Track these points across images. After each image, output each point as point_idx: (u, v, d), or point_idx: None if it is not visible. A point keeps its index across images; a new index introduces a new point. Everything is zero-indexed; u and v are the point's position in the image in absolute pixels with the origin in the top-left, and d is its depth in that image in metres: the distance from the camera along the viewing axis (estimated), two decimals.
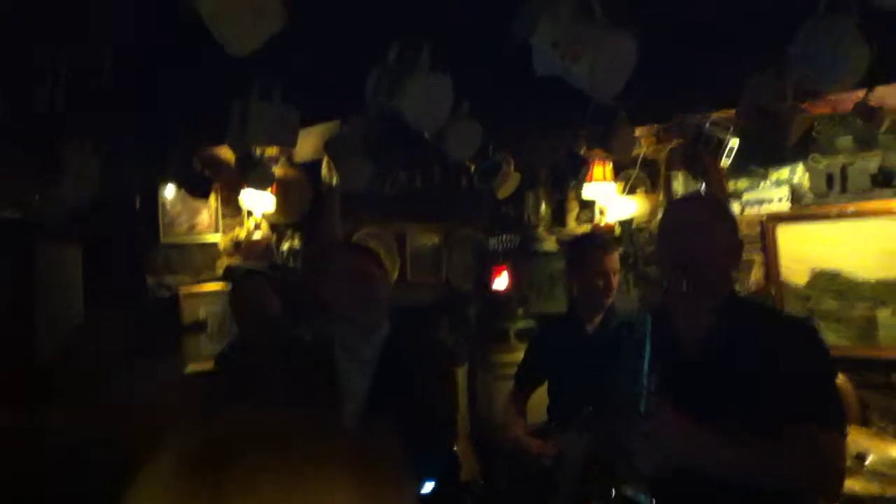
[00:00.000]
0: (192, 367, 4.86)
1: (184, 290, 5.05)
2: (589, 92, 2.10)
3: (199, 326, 4.60)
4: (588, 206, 5.66)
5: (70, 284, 4.72)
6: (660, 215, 5.17)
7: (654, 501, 2.10)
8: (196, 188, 4.79)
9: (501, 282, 5.54)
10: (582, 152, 4.65)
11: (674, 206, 2.60)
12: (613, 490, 2.20)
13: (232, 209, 5.32)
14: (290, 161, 5.31)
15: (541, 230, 5.72)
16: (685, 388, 2.04)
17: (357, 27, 2.72)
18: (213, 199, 5.18)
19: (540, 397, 3.87)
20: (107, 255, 4.89)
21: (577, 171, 4.62)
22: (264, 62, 2.58)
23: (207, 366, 4.42)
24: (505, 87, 3.15)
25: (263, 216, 5.31)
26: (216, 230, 5.28)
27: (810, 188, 5.07)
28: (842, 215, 4.90)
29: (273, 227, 5.39)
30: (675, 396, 1.98)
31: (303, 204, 5.36)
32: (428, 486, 2.78)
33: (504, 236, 5.69)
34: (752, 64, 3.14)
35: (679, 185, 5.49)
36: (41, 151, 4.18)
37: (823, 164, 5.03)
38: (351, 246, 4.64)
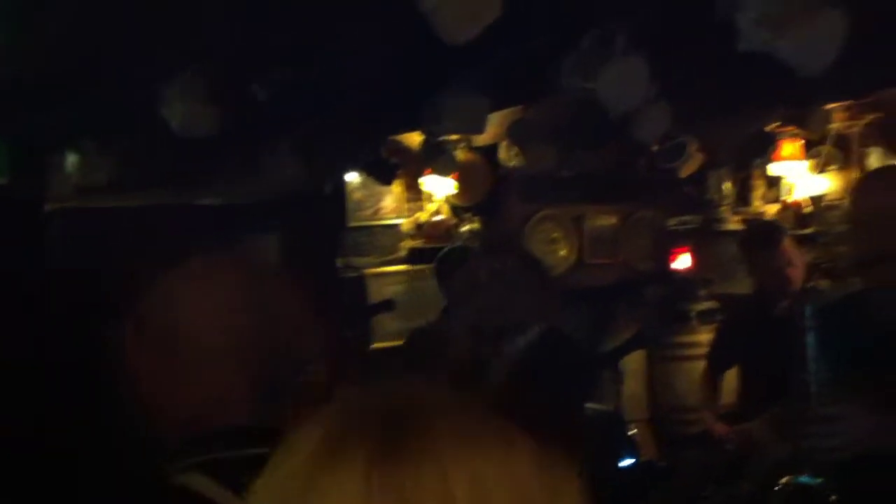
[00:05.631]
0: (377, 345, 5.07)
1: (369, 271, 5.27)
2: (796, 68, 2.05)
3: (386, 305, 4.79)
4: (775, 183, 5.48)
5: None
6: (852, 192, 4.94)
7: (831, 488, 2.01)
8: (382, 174, 4.99)
9: (682, 262, 5.47)
10: (770, 129, 4.50)
11: (871, 182, 2.42)
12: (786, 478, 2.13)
13: (414, 193, 5.50)
14: (470, 145, 5.41)
15: (724, 209, 5.59)
16: (875, 376, 1.94)
17: (547, 13, 2.76)
18: (396, 184, 5.38)
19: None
20: (301, 239, 5.16)
21: (766, 150, 4.48)
22: (454, 52, 2.65)
23: (392, 343, 4.61)
24: (696, 67, 3.11)
25: (445, 199, 5.45)
26: (399, 213, 5.49)
27: None
28: None
29: (454, 209, 5.52)
30: (865, 384, 1.91)
31: (483, 187, 5.46)
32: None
33: (685, 216, 5.59)
34: None
35: (875, 161, 5.22)
36: (242, 144, 4.46)
37: None
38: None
